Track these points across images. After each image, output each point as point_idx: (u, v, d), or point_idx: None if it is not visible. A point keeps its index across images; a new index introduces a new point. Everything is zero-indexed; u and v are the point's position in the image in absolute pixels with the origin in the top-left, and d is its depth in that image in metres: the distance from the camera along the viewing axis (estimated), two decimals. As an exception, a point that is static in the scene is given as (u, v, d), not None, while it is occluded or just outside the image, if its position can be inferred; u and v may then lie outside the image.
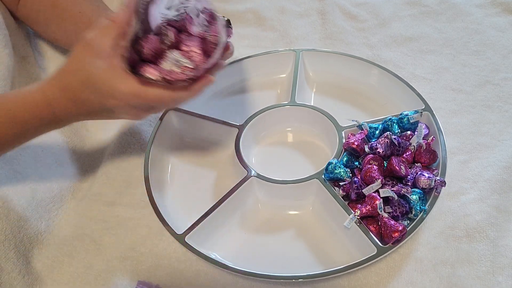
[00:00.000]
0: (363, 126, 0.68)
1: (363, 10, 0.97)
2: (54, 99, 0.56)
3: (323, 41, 0.92)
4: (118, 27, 0.54)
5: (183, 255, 0.63)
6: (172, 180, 0.72)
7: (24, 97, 0.56)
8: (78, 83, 0.54)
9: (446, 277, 0.59)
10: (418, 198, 0.61)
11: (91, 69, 0.54)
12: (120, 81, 0.54)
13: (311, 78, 0.84)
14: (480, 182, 0.68)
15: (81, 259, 0.63)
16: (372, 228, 0.60)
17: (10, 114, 0.55)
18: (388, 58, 0.87)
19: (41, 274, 0.62)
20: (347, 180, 0.64)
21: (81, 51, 0.55)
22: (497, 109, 0.78)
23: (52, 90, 0.55)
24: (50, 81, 0.56)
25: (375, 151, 0.64)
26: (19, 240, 0.61)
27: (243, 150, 0.69)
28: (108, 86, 0.54)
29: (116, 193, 0.70)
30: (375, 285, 0.59)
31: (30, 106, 0.55)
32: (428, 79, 0.83)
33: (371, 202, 0.60)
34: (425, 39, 0.90)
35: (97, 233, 0.66)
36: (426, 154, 0.66)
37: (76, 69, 0.55)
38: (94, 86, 0.54)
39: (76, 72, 0.55)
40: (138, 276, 0.61)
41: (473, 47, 0.88)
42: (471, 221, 0.64)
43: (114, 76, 0.54)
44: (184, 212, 0.67)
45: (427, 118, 0.70)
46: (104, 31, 0.54)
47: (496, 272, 0.60)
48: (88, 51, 0.54)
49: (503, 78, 0.82)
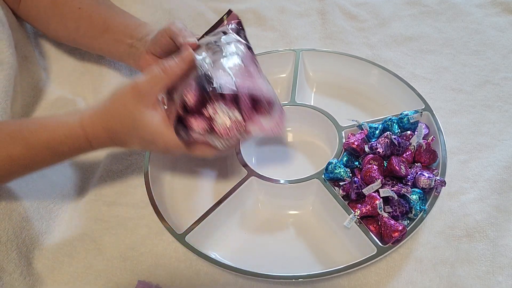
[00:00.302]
0: (363, 126, 0.68)
1: (363, 10, 0.97)
2: (95, 138, 0.56)
3: (323, 41, 0.92)
4: (169, 79, 0.55)
5: (183, 255, 0.63)
6: (172, 180, 0.72)
7: (64, 130, 0.55)
8: (123, 128, 0.56)
9: (446, 277, 0.59)
10: (418, 198, 0.61)
11: (139, 117, 0.54)
12: (166, 133, 0.55)
13: (311, 78, 0.84)
14: (480, 182, 0.68)
15: (81, 259, 0.63)
16: (372, 228, 0.60)
17: (49, 146, 0.55)
18: (388, 58, 0.87)
19: (41, 274, 0.62)
20: (347, 180, 0.64)
21: (129, 97, 0.54)
22: (497, 109, 0.78)
23: (93, 129, 0.56)
24: (91, 117, 0.56)
25: (375, 151, 0.64)
26: (21, 241, 0.61)
27: (243, 150, 0.69)
28: (154, 136, 0.55)
29: (116, 193, 0.70)
30: (375, 285, 0.59)
31: (69, 140, 0.56)
32: (428, 79, 0.83)
33: (371, 202, 0.60)
34: (425, 39, 0.90)
35: (97, 233, 0.66)
36: (426, 154, 0.66)
37: (122, 114, 0.55)
38: (140, 134, 0.56)
39: (122, 118, 0.55)
40: (138, 276, 0.61)
41: (473, 47, 0.88)
42: (471, 221, 0.64)
43: (160, 127, 0.55)
44: (184, 212, 0.67)
45: (427, 118, 0.70)
46: (155, 81, 0.54)
47: (496, 272, 0.60)
48: (136, 98, 0.54)
49: (503, 78, 0.82)
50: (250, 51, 0.61)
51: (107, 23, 0.71)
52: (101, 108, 0.56)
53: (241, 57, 0.59)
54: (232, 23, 0.63)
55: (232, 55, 0.59)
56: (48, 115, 0.57)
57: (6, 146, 0.54)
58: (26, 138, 0.54)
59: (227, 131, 0.56)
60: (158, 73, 0.54)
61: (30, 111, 0.76)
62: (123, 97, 0.55)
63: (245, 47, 0.61)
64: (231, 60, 0.58)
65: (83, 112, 0.56)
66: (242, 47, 0.60)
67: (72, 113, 0.57)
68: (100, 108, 0.56)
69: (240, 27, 0.63)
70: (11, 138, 0.54)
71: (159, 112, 0.55)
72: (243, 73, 0.58)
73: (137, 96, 0.54)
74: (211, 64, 0.57)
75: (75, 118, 0.56)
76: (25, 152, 0.54)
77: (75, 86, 0.83)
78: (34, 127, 0.55)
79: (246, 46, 0.61)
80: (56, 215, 0.67)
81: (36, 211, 0.64)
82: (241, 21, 0.64)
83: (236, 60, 0.58)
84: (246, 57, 0.60)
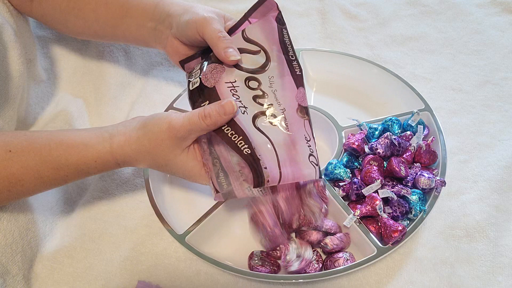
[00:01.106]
0: (362, 126, 0.68)
1: (363, 10, 0.97)
2: (125, 163, 0.57)
3: (323, 41, 0.92)
4: (207, 128, 0.53)
5: (183, 255, 0.63)
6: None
7: (93, 155, 0.55)
8: (155, 163, 0.56)
9: (446, 277, 0.59)
10: (418, 199, 0.61)
11: (173, 159, 0.55)
12: (199, 175, 0.57)
13: (311, 78, 0.84)
14: (480, 182, 0.68)
15: (81, 259, 0.63)
16: (372, 228, 0.60)
17: (78, 168, 0.55)
18: (388, 58, 0.87)
19: (41, 275, 0.62)
20: (347, 180, 0.64)
21: (165, 138, 0.54)
22: (497, 108, 0.78)
23: (124, 157, 0.55)
24: (122, 148, 0.55)
25: (375, 151, 0.64)
26: (26, 243, 0.61)
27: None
28: (186, 174, 0.57)
29: (116, 193, 0.70)
30: (375, 285, 0.59)
31: (99, 164, 0.56)
32: (428, 79, 0.83)
33: (371, 202, 0.60)
34: (425, 39, 0.90)
35: (97, 233, 0.66)
36: (426, 154, 0.66)
37: (156, 153, 0.55)
38: (171, 171, 0.57)
39: (155, 156, 0.55)
40: (138, 276, 0.61)
41: (473, 47, 0.88)
42: (471, 221, 0.64)
43: (193, 170, 0.56)
44: (184, 212, 0.67)
45: (427, 118, 0.70)
46: (192, 127, 0.53)
47: (496, 271, 0.60)
48: (172, 141, 0.54)
49: (503, 78, 0.82)
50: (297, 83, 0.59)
51: (125, 8, 0.68)
52: (133, 139, 0.55)
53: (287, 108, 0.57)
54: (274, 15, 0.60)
55: (278, 105, 0.57)
56: (70, 132, 0.57)
57: (37, 167, 0.54)
58: (56, 160, 0.54)
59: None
60: (197, 120, 0.52)
61: (34, 114, 0.76)
62: (159, 136, 0.54)
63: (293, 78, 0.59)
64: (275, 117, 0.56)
65: (113, 139, 0.55)
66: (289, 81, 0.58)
67: (99, 136, 0.56)
68: (133, 139, 0.55)
69: (282, 22, 0.61)
70: (41, 159, 0.54)
71: (193, 156, 0.56)
72: (287, 145, 0.55)
73: (173, 139, 0.53)
74: (251, 120, 0.55)
75: (104, 145, 0.55)
76: (55, 173, 0.55)
77: (76, 87, 0.83)
78: (62, 148, 0.55)
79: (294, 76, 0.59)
80: (59, 217, 0.67)
81: (41, 213, 0.64)
82: (281, 12, 0.62)
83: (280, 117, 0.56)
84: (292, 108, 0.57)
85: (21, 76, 0.67)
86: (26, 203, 0.62)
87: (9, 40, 0.64)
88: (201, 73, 0.57)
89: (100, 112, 0.80)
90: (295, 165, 0.55)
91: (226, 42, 0.57)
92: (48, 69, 0.82)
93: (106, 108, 0.81)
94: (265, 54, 0.59)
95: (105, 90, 0.82)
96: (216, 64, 0.57)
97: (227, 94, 0.55)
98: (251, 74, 0.58)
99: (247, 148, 0.53)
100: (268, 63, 0.59)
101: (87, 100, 0.82)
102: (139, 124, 0.55)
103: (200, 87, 0.56)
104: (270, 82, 0.58)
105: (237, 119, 0.54)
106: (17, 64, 0.66)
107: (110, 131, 0.56)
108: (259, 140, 0.54)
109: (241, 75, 0.57)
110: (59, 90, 0.82)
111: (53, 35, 0.86)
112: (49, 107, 0.79)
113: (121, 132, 0.56)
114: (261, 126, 0.55)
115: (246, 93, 0.56)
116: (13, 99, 0.66)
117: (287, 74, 0.59)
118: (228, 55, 0.56)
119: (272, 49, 0.59)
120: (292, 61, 0.60)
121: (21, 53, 0.67)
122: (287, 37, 0.61)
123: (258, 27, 0.60)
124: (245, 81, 0.57)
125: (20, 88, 0.68)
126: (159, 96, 0.82)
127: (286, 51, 0.60)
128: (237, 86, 0.56)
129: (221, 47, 0.57)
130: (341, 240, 0.59)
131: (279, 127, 0.56)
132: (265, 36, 0.60)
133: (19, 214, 0.61)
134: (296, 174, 0.55)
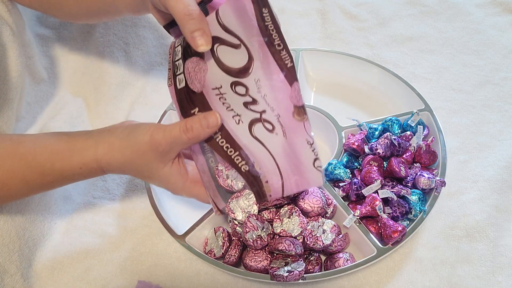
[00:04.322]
0: (362, 126, 0.68)
1: (363, 10, 0.97)
2: (110, 171, 0.56)
3: (323, 41, 0.92)
4: (189, 142, 0.52)
5: (183, 255, 0.63)
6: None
7: (78, 162, 0.54)
8: (139, 174, 0.55)
9: (446, 277, 0.59)
10: (418, 199, 0.61)
11: (156, 172, 0.54)
12: (184, 188, 0.56)
13: (311, 78, 0.84)
14: (480, 182, 0.68)
15: (81, 259, 0.63)
16: (372, 229, 0.60)
17: (63, 174, 0.55)
18: (388, 58, 0.87)
19: (41, 275, 0.62)
20: (347, 180, 0.64)
21: (147, 151, 0.52)
22: (497, 108, 0.78)
23: (109, 166, 0.54)
24: (106, 155, 0.53)
25: (375, 151, 0.64)
26: (23, 242, 0.61)
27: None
28: (170, 187, 0.56)
29: (116, 193, 0.70)
30: (375, 285, 0.59)
31: (84, 171, 0.55)
32: (428, 79, 0.83)
33: (371, 202, 0.60)
34: (425, 39, 0.90)
35: (97, 233, 0.66)
36: (426, 154, 0.66)
37: (139, 164, 0.53)
38: (156, 182, 0.57)
39: (139, 167, 0.54)
40: (138, 276, 0.61)
41: (473, 47, 0.88)
42: (471, 221, 0.64)
43: (177, 183, 0.56)
44: (184, 212, 0.67)
45: (427, 118, 0.70)
46: (175, 142, 0.51)
47: (496, 272, 0.60)
48: (154, 155, 0.52)
49: (503, 78, 0.82)
50: (289, 80, 0.49)
51: None
52: (116, 148, 0.53)
53: (282, 111, 0.50)
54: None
55: (272, 111, 0.50)
56: (56, 136, 0.56)
57: (22, 172, 0.53)
58: (41, 166, 0.54)
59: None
60: (178, 134, 0.50)
61: (33, 113, 0.76)
62: (140, 148, 0.52)
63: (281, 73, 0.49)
64: (271, 124, 0.51)
65: (98, 145, 0.54)
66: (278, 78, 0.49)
67: (85, 142, 0.54)
68: (116, 148, 0.53)
69: (261, 1, 0.47)
70: (26, 164, 0.53)
71: (177, 170, 0.55)
72: (288, 154, 0.51)
73: (155, 152, 0.52)
74: (247, 128, 0.51)
75: (89, 152, 0.54)
76: (41, 178, 0.54)
77: (76, 86, 0.83)
78: (47, 154, 0.54)
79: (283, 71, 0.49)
80: (58, 216, 0.67)
81: (39, 212, 0.64)
82: None
83: (277, 125, 0.50)
84: (287, 109, 0.50)
85: (20, 77, 0.67)
86: (23, 202, 0.62)
87: (8, 41, 0.64)
88: (184, 69, 0.52)
89: (100, 112, 0.80)
90: (299, 174, 0.51)
91: (194, 24, 0.47)
92: (48, 68, 0.82)
93: (106, 108, 0.81)
94: (246, 51, 0.49)
95: (105, 90, 0.82)
96: (198, 58, 0.51)
97: (217, 103, 0.51)
98: (235, 78, 0.50)
99: (245, 165, 0.51)
100: (251, 63, 0.49)
101: (87, 99, 0.82)
102: (123, 133, 0.54)
103: (187, 91, 0.52)
104: (258, 87, 0.50)
105: (231, 131, 0.50)
106: (16, 65, 0.66)
107: (96, 137, 0.55)
108: (258, 151, 0.51)
109: (226, 79, 0.51)
110: (59, 89, 0.82)
111: (53, 34, 0.86)
112: (48, 107, 0.79)
113: (106, 139, 0.54)
114: (258, 135, 0.51)
115: (235, 99, 0.51)
116: (11, 99, 0.66)
117: (275, 72, 0.49)
118: (195, 42, 0.47)
119: (252, 42, 0.49)
120: (280, 52, 0.48)
121: (20, 53, 0.67)
122: (270, 20, 0.47)
123: (230, 8, 0.48)
124: (231, 86, 0.51)
125: (19, 89, 0.68)
126: (159, 96, 0.82)
127: (270, 40, 0.48)
128: (224, 93, 0.51)
129: (187, 30, 0.48)
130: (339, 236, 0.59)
131: (278, 136, 0.51)
132: (240, 24, 0.48)
133: (16, 214, 0.61)
134: (301, 183, 0.52)
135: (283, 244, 0.55)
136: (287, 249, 0.55)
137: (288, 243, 0.55)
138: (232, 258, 0.58)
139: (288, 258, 0.57)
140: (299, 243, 0.57)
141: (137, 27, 0.88)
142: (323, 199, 0.60)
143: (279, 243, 0.55)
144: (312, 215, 0.59)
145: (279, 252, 0.56)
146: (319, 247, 0.57)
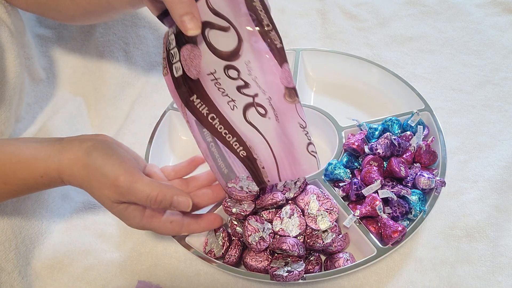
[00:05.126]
0: (362, 126, 0.68)
1: (363, 10, 0.97)
2: (69, 184, 0.55)
3: (323, 41, 0.92)
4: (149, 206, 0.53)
5: (183, 255, 0.63)
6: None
7: (41, 171, 0.53)
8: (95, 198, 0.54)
9: (446, 277, 0.59)
10: (418, 199, 0.61)
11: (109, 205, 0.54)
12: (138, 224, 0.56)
13: (311, 78, 0.84)
14: (480, 182, 0.68)
15: (80, 259, 0.63)
16: (372, 229, 0.60)
17: (26, 182, 0.54)
18: (388, 58, 0.87)
19: (40, 274, 0.62)
20: (347, 180, 0.64)
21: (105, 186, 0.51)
22: (497, 108, 0.78)
23: (69, 179, 0.53)
24: (70, 166, 0.52)
25: (375, 151, 0.64)
26: (20, 240, 0.61)
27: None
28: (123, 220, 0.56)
29: (116, 193, 0.70)
30: (375, 285, 0.59)
31: (46, 180, 0.54)
32: (428, 79, 0.83)
33: (371, 202, 0.60)
34: (425, 39, 0.90)
35: (97, 232, 0.66)
36: (426, 154, 0.66)
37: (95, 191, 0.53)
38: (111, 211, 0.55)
39: (95, 191, 0.53)
40: (138, 276, 0.61)
41: (473, 47, 0.88)
42: (471, 221, 0.64)
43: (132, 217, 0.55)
44: (184, 212, 0.67)
45: (427, 118, 0.70)
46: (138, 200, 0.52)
47: (496, 272, 0.60)
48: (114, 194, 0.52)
49: (503, 78, 0.82)
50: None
51: None
52: (80, 164, 0.52)
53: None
54: None
55: (263, 94, 0.50)
56: (23, 143, 0.54)
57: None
58: (4, 174, 0.53)
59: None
60: (144, 198, 0.51)
61: (32, 113, 0.76)
62: (102, 180, 0.51)
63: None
64: (264, 108, 0.51)
65: (63, 154, 0.53)
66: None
67: (50, 149, 0.53)
68: (80, 164, 0.52)
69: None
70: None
71: (134, 207, 0.54)
72: (281, 138, 0.51)
73: (114, 193, 0.52)
74: (242, 114, 0.50)
75: (53, 160, 0.52)
76: (3, 187, 0.54)
77: (76, 86, 0.83)
78: (12, 162, 0.53)
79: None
80: (57, 214, 0.67)
81: (35, 210, 0.64)
82: None
83: (269, 108, 0.50)
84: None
85: (18, 78, 0.67)
86: (19, 201, 0.62)
87: (6, 41, 0.64)
88: (180, 56, 0.52)
89: (100, 112, 0.81)
90: (292, 160, 0.51)
91: (182, 7, 0.46)
92: (47, 68, 0.82)
93: (105, 107, 0.81)
94: (236, 33, 0.49)
95: (105, 90, 0.82)
96: (192, 45, 0.51)
97: (213, 88, 0.52)
98: (228, 62, 0.50)
99: (242, 150, 0.52)
100: (241, 45, 0.49)
101: (86, 99, 0.82)
102: (90, 153, 0.52)
103: (185, 78, 0.52)
104: (248, 69, 0.49)
105: (227, 117, 0.50)
106: (14, 66, 0.65)
107: (64, 144, 0.54)
108: (253, 137, 0.51)
109: (219, 63, 0.50)
110: (58, 89, 0.82)
111: (53, 34, 0.86)
112: (48, 107, 0.79)
113: (74, 149, 0.53)
114: (252, 120, 0.51)
115: (229, 84, 0.51)
116: (9, 100, 0.66)
117: (264, 53, 0.49)
118: (184, 26, 0.46)
119: (241, 23, 0.48)
120: (269, 33, 0.48)
121: (18, 54, 0.67)
122: (258, 0, 0.48)
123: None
124: (224, 70, 0.50)
125: (17, 90, 0.68)
126: (159, 96, 0.82)
127: (259, 21, 0.48)
128: (219, 77, 0.51)
129: (176, 14, 0.47)
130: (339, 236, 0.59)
131: (270, 120, 0.51)
132: (228, 4, 0.48)
133: (11, 213, 0.61)
134: (295, 170, 0.52)
135: (286, 244, 0.55)
136: (290, 249, 0.55)
137: (292, 243, 0.55)
138: (232, 258, 0.58)
139: (288, 258, 0.57)
140: (302, 244, 0.57)
141: (137, 27, 0.88)
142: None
143: (283, 242, 0.55)
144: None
145: (281, 252, 0.56)
146: (319, 247, 0.57)
